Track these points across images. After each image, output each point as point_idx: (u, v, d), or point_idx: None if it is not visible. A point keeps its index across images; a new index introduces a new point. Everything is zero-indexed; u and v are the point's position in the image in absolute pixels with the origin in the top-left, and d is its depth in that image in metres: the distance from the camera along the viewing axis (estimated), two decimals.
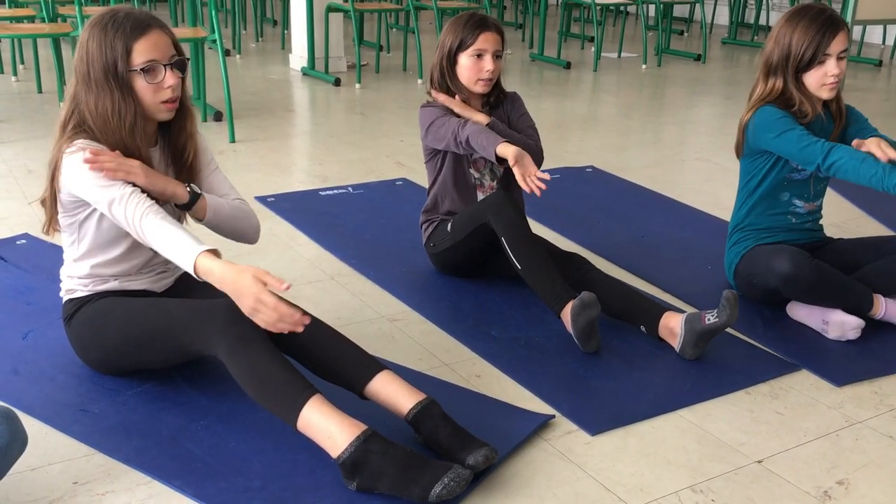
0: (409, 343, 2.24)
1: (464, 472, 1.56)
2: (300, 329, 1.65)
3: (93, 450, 1.74)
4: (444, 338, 2.28)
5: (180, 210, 1.94)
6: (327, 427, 1.62)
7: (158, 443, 1.77)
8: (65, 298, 2.01)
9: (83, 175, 1.79)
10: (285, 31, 7.64)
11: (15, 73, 5.69)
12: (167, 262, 2.07)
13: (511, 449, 1.76)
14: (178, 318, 1.81)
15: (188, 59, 1.90)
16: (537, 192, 2.18)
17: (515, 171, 2.19)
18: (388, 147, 4.26)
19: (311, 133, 4.74)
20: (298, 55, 6.37)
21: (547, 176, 2.18)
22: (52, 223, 1.95)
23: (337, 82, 5.83)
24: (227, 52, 4.59)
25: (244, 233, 2.02)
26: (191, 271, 1.69)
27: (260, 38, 7.96)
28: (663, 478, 1.71)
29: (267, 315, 1.62)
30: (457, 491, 1.55)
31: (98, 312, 1.93)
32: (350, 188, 3.53)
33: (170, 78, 1.83)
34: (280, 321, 1.63)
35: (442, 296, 2.52)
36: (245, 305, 1.64)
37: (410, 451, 1.61)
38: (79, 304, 1.96)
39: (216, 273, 1.67)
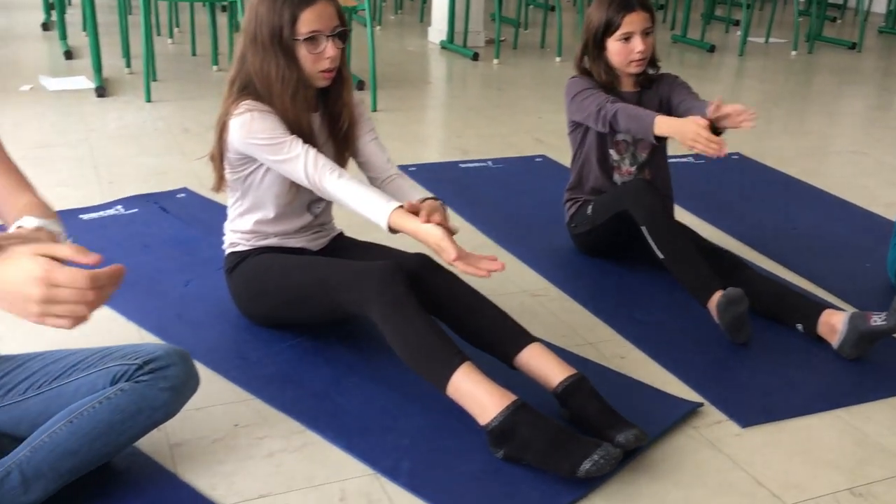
0: (552, 319, 2.24)
1: (614, 451, 1.55)
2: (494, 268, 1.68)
3: (251, 395, 1.82)
4: (587, 316, 2.26)
5: None
6: (477, 394, 1.63)
7: (311, 394, 1.83)
8: (227, 251, 2.10)
9: (252, 135, 1.86)
10: (424, 4, 7.71)
11: (171, 36, 5.96)
12: (323, 223, 2.14)
13: (658, 433, 1.73)
14: (334, 278, 1.86)
15: (350, 30, 1.94)
16: (721, 153, 2.11)
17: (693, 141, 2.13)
18: (526, 123, 4.24)
19: (450, 106, 4.77)
20: (437, 28, 6.41)
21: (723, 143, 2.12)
22: (221, 181, 2.04)
23: (475, 57, 5.84)
24: None
25: None
26: (385, 228, 1.75)
27: (399, 11, 8.05)
28: (819, 477, 1.65)
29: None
30: (606, 469, 1.53)
31: (258, 267, 2.01)
32: (490, 162, 3.54)
33: (330, 49, 1.87)
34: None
35: (583, 274, 2.50)
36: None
37: (560, 425, 1.61)
38: (240, 257, 2.05)
39: (411, 226, 1.73)
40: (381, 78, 4.90)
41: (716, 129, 2.22)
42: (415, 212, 1.75)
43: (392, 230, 1.77)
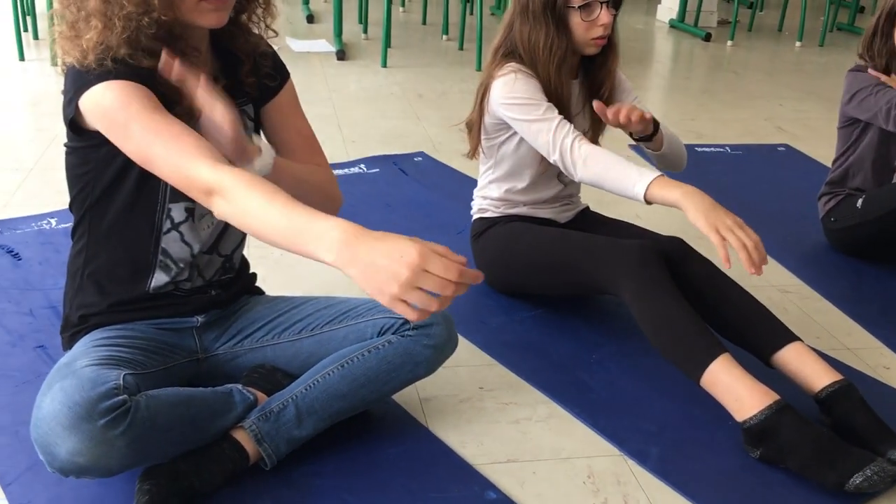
0: (804, 319, 2.10)
1: (890, 469, 1.42)
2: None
3: (494, 361, 1.84)
4: (844, 319, 2.10)
5: (643, 142, 1.92)
6: (736, 388, 1.55)
7: (553, 366, 1.82)
8: (475, 217, 2.12)
9: (511, 94, 1.86)
10: None
11: (403, 5, 6.14)
12: (571, 195, 2.12)
13: None
14: (587, 253, 1.83)
15: None
16: None
17: None
18: (765, 110, 4.00)
19: (681, 87, 4.59)
20: (668, 6, 6.19)
21: None
22: (476, 149, 2.06)
23: (707, 37, 5.58)
24: None
25: (680, 162, 2.02)
26: (640, 196, 1.68)
27: None
28: None
29: (737, 231, 1.58)
30: (879, 486, 1.42)
31: (507, 234, 2.02)
32: (727, 148, 3.38)
33: (605, 16, 1.84)
34: (749, 239, 1.57)
35: (839, 274, 2.33)
36: (711, 217, 1.59)
37: (827, 433, 1.50)
38: (489, 223, 2.07)
39: (675, 193, 1.64)
40: None
41: None
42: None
43: (648, 201, 1.69)
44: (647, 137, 1.89)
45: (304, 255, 1.12)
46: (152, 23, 1.24)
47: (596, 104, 1.79)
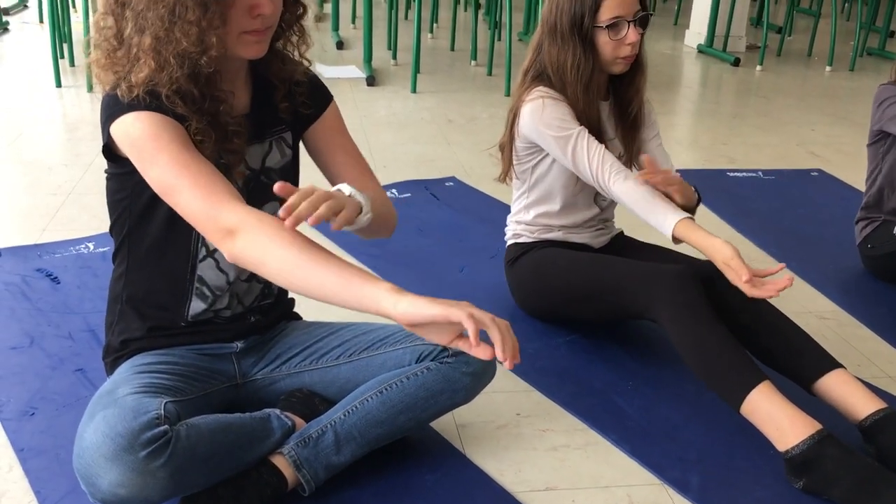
0: (844, 346, 2.07)
1: None
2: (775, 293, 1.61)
3: (531, 387, 1.83)
4: (885, 347, 2.07)
5: None
6: (777, 417, 1.53)
7: (591, 393, 1.81)
8: (509, 242, 2.12)
9: (542, 122, 1.87)
10: (680, 5, 7.48)
11: (431, 31, 6.19)
12: (607, 219, 2.11)
13: None
14: (622, 278, 1.82)
15: (651, 15, 1.91)
16: None
17: None
18: (797, 135, 3.98)
19: (711, 111, 4.57)
20: (696, 31, 6.19)
21: None
22: (507, 172, 2.06)
23: (736, 62, 5.57)
24: None
25: None
26: (668, 234, 1.71)
27: (651, 12, 7.85)
28: None
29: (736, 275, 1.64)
30: None
31: (542, 260, 2.01)
32: (760, 173, 3.35)
33: (632, 35, 1.85)
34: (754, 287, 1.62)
35: (879, 301, 2.29)
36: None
37: (872, 463, 1.47)
38: (523, 249, 2.06)
39: (693, 241, 1.72)
40: None
41: None
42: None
43: (676, 240, 1.74)
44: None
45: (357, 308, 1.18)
46: (210, 61, 1.26)
47: (646, 159, 1.82)
